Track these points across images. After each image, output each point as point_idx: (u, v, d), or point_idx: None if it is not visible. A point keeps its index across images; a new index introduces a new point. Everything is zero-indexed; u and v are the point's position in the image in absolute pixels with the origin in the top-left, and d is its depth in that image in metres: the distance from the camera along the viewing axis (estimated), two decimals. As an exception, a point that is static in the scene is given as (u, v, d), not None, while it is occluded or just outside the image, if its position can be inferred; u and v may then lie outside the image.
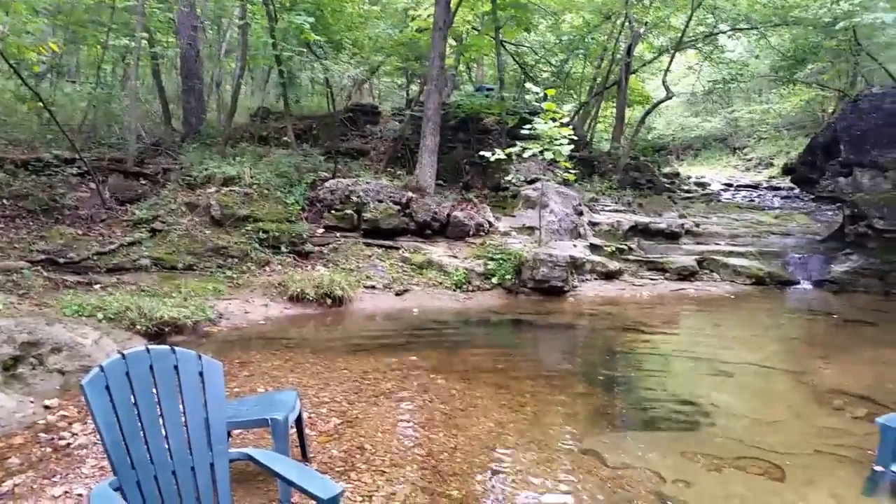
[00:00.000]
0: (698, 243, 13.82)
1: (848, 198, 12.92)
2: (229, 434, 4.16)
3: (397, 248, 11.48)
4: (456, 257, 11.44)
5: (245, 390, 5.81)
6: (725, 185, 23.61)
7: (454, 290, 10.58)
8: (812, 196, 16.17)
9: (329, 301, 9.42)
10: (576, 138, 12.55)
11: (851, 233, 12.50)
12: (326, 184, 12.38)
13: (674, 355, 7.80)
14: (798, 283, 12.16)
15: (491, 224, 12.68)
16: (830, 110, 22.23)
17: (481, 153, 12.24)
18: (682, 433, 5.20)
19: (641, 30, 18.86)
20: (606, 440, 4.98)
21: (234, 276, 9.94)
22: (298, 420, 4.30)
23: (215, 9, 16.91)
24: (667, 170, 22.90)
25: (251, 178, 11.73)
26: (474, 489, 4.08)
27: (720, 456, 4.64)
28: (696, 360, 7.42)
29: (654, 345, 8.22)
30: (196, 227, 10.53)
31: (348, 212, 11.82)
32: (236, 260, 10.26)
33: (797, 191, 18.92)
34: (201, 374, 3.09)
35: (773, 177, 24.52)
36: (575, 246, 12.07)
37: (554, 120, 11.31)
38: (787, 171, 20.42)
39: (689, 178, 23.77)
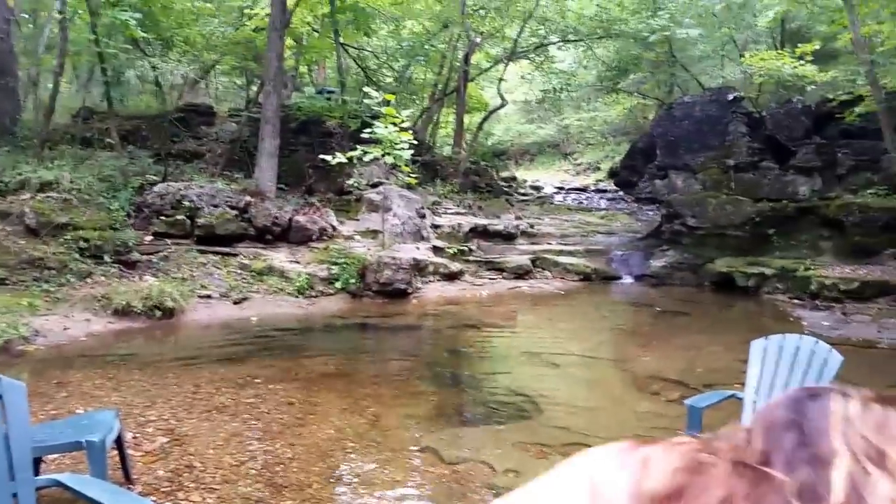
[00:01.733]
0: (533, 243, 14.51)
1: (664, 198, 14.11)
2: (41, 460, 3.83)
3: (235, 255, 11.08)
4: (298, 263, 11.23)
5: (62, 412, 5.37)
6: (558, 188, 24.96)
7: (297, 297, 10.38)
8: (633, 197, 17.51)
9: (159, 313, 8.91)
10: (417, 143, 12.76)
11: (667, 230, 13.65)
12: (155, 188, 11.69)
13: (509, 350, 8.14)
14: (621, 278, 13.10)
15: (334, 228, 12.58)
16: (650, 117, 24.16)
17: (323, 157, 12.10)
18: (514, 425, 5.43)
19: (478, 39, 19.50)
20: (445, 437, 5.10)
21: (52, 289, 9.13)
22: (119, 441, 4.04)
23: (31, 1, 15.50)
24: (505, 174, 23.85)
25: (71, 182, 10.85)
26: (310, 498, 4.03)
27: (548, 444, 4.90)
28: (529, 354, 7.78)
29: (492, 341, 8.54)
30: (8, 238, 9.57)
31: (180, 217, 11.23)
32: (54, 272, 9.43)
33: (621, 193, 20.41)
34: (1, 396, 2.84)
35: (600, 180, 26.23)
36: (418, 248, 12.26)
37: (394, 125, 11.43)
38: (612, 174, 21.98)
39: (525, 181, 24.88)
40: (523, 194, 21.63)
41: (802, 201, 12.51)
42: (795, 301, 10.41)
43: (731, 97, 14.36)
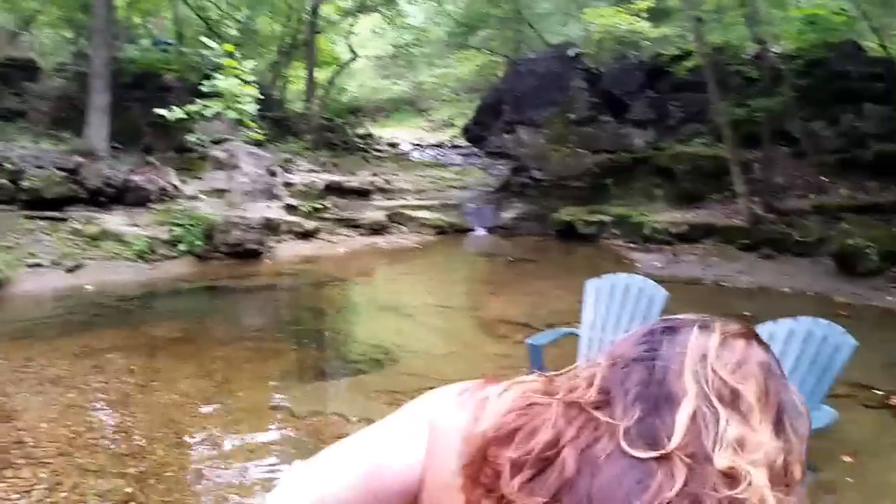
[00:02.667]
0: (389, 199, 14.52)
1: (512, 152, 14.55)
2: None
3: (66, 220, 10.27)
4: (137, 226, 10.57)
5: None
6: (414, 144, 25.04)
7: (137, 262, 9.79)
8: (486, 152, 17.91)
9: (-19, 285, 8.13)
10: (263, 97, 12.28)
11: (515, 183, 14.13)
12: (-31, 150, 10.54)
13: (365, 305, 8.19)
14: (474, 230, 13.46)
15: (176, 188, 11.92)
16: (500, 74, 24.66)
17: (159, 112, 11.38)
18: (369, 376, 5.50)
19: (326, -10, 18.92)
20: (298, 394, 5.08)
21: None
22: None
23: None
24: (361, 131, 23.55)
25: None
26: (153, 463, 3.90)
27: (401, 391, 5.00)
28: (385, 307, 7.88)
29: (349, 297, 8.54)
30: None
31: (2, 181, 10.22)
32: None
33: (475, 149, 20.81)
34: None
35: (455, 136, 26.57)
36: (269, 207, 11.91)
37: (237, 78, 10.92)
38: (465, 130, 22.34)
39: (381, 138, 24.73)
40: (379, 151, 21.51)
41: (637, 152, 13.34)
42: (631, 245, 11.16)
43: (571, 53, 14.94)
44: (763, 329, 4.35)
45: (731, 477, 0.70)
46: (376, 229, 12.56)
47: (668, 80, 13.72)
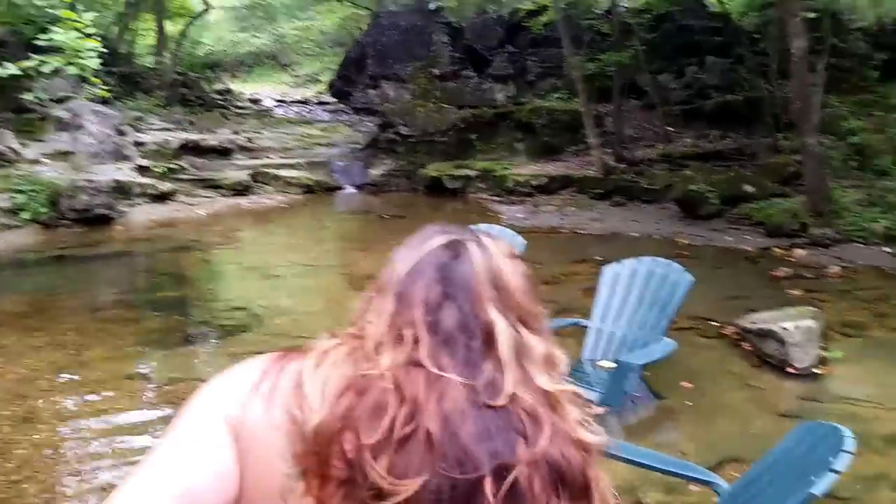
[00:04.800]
0: (252, 158, 14.04)
1: (378, 108, 14.44)
2: None
3: None
4: (-29, 194, 9.66)
5: None
6: (278, 101, 24.21)
7: (-27, 233, 8.98)
8: (352, 108, 17.65)
9: None
10: (108, 51, 11.40)
11: (383, 140, 14.08)
12: None
13: (229, 267, 7.96)
14: (343, 188, 13.33)
15: (15, 152, 10.94)
16: (364, 27, 24.20)
17: (-12, 68, 10.32)
18: (232, 338, 5.39)
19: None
20: (156, 361, 4.92)
21: None
22: None
23: None
24: (219, 86, 22.46)
25: None
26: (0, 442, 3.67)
27: (269, 351, 4.96)
28: (251, 269, 7.70)
29: (211, 260, 8.27)
30: None
31: None
32: None
33: (342, 105, 20.43)
34: None
35: (321, 92, 25.92)
36: (120, 169, 11.20)
37: (77, 31, 10.07)
38: (330, 86, 21.85)
39: (242, 94, 23.71)
40: (240, 108, 20.63)
41: (499, 107, 13.64)
42: (495, 198, 11.49)
43: (432, 6, 14.91)
44: (609, 269, 4.67)
45: (553, 397, 0.77)
46: (239, 190, 12.14)
47: (527, 35, 14.04)
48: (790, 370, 4.50)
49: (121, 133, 12.33)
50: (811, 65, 8.63)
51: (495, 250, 0.85)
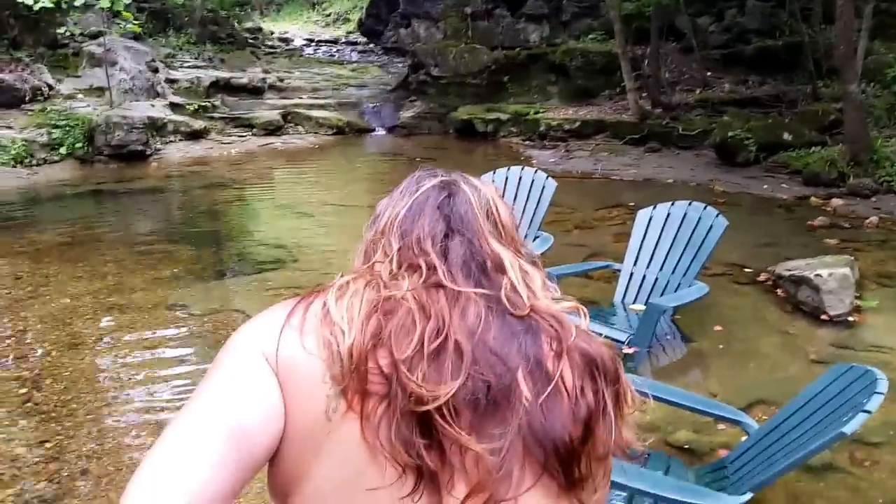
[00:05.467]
0: (283, 98, 14.01)
1: (408, 48, 14.23)
2: None
3: (-75, 122, 9.38)
4: (11, 128, 9.80)
5: None
6: (307, 40, 23.95)
7: (14, 167, 9.15)
8: (382, 48, 17.43)
9: None
10: (139, -14, 11.35)
11: (414, 81, 13.92)
12: None
13: (262, 205, 8.05)
14: (374, 130, 13.28)
15: (51, 87, 11.03)
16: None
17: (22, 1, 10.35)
18: (269, 274, 5.49)
19: None
20: (195, 293, 5.04)
21: None
22: None
23: None
24: (249, 24, 22.25)
25: None
26: (47, 364, 3.83)
27: (300, 286, 5.04)
28: (283, 207, 7.78)
29: (244, 198, 8.36)
30: None
31: None
32: None
33: (372, 46, 20.18)
34: None
35: (351, 32, 25.58)
36: (153, 106, 11.26)
37: (108, -36, 10.02)
38: (360, 24, 21.54)
39: (272, 33, 23.49)
40: (270, 47, 20.47)
41: (533, 48, 13.36)
42: (527, 142, 11.36)
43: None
44: (643, 213, 4.64)
45: (557, 317, 0.82)
46: (271, 129, 12.16)
47: (562, -27, 13.64)
48: (824, 317, 4.47)
49: (153, 70, 12.35)
50: (857, 9, 8.29)
51: (485, 189, 0.91)
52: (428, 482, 0.72)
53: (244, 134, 11.94)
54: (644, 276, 4.50)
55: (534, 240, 5.09)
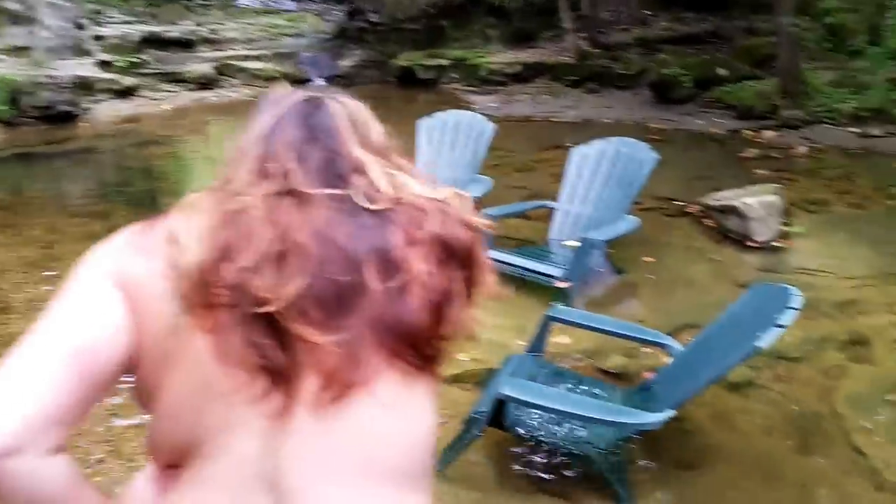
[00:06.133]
0: (216, 50, 13.54)
1: (346, -6, 13.86)
2: None
3: None
4: (-75, 92, 9.32)
5: None
6: (242, -10, 23.13)
7: (-67, 132, 8.74)
8: (319, -4, 16.90)
9: None
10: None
11: (353, 29, 13.62)
12: None
13: (200, 161, 7.86)
14: (311, 80, 12.99)
15: (-33, 48, 10.49)
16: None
17: (-74, -44, 9.73)
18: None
19: None
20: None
21: None
22: None
23: None
24: (178, -24, 21.36)
25: None
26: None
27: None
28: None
29: (179, 155, 8.16)
30: None
31: None
32: None
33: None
34: None
35: (287, -20, 24.78)
36: (81, 64, 10.80)
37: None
38: (296, -27, 20.84)
39: (204, -16, 22.61)
40: (202, -1, 19.73)
41: (473, -9, 13.15)
42: (469, 88, 11.26)
43: None
44: (577, 151, 4.70)
45: (435, 198, 0.84)
46: (204, 83, 11.81)
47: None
48: (750, 244, 4.64)
49: (79, 26, 11.80)
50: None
51: (354, 104, 0.91)
52: (280, 381, 0.74)
53: (176, 89, 11.58)
54: (578, 213, 4.59)
55: (472, 183, 5.13)
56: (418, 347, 0.78)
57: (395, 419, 0.78)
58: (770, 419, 3.13)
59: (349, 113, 0.88)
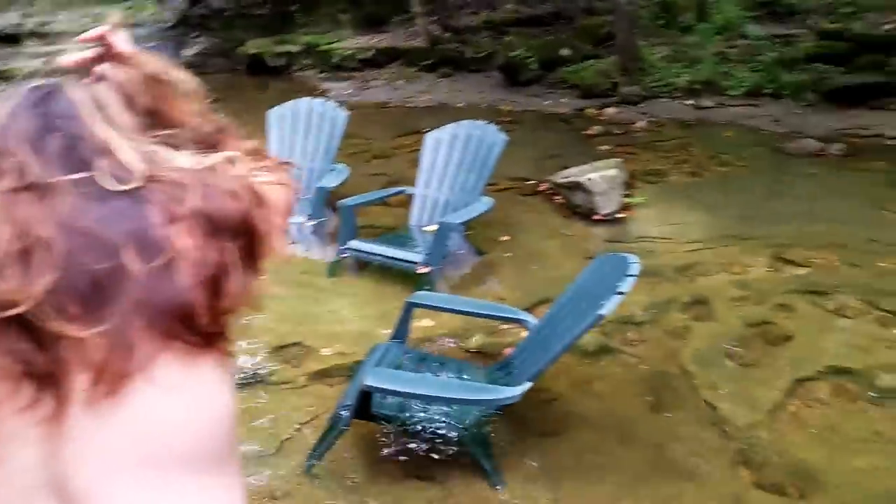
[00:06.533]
0: (46, 45, 12.56)
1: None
2: None
3: None
4: None
5: None
6: (69, -24, 21.45)
7: None
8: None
9: None
10: None
11: (194, 16, 13.02)
12: None
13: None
14: (156, 72, 12.30)
15: None
16: None
17: None
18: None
19: None
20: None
21: None
22: None
23: None
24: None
25: None
26: None
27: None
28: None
29: None
30: None
31: None
32: None
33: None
34: None
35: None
36: None
37: None
38: (129, -43, 19.57)
39: (24, -30, 20.76)
40: (23, -13, 18.12)
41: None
42: (322, 75, 11.09)
43: None
44: (430, 136, 4.78)
45: (202, 168, 0.78)
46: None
47: None
48: (596, 217, 4.92)
49: None
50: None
51: (98, 86, 0.83)
52: (47, 384, 0.71)
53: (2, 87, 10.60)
54: (436, 197, 4.67)
55: (329, 172, 5.09)
56: (195, 325, 0.75)
57: (181, 403, 0.75)
58: (624, 382, 3.35)
59: (92, 96, 0.81)
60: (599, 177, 4.94)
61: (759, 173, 6.12)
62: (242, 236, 0.78)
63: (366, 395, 2.58)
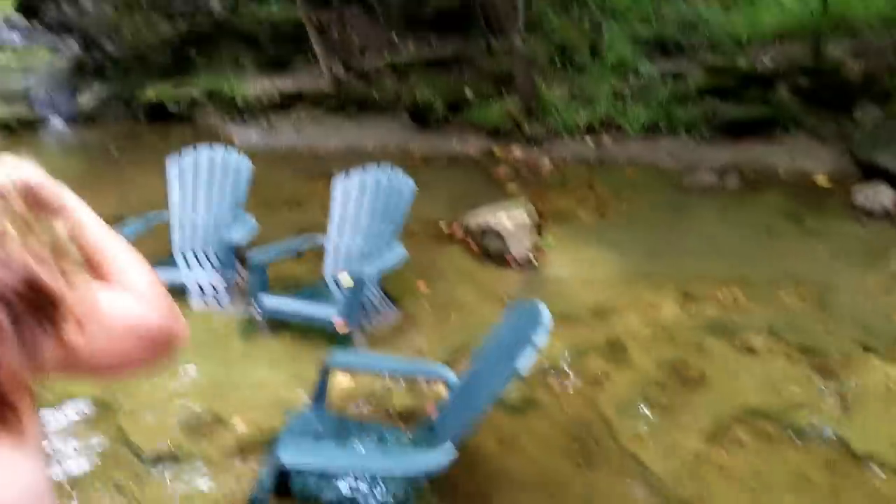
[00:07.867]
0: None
1: (76, 26, 12.72)
2: None
3: None
4: None
5: None
6: (-52, 20, 20.28)
7: None
8: (46, 27, 15.33)
9: None
10: None
11: (90, 62, 12.51)
12: None
13: None
14: (48, 121, 11.73)
15: None
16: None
17: None
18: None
19: None
20: None
21: None
22: None
23: None
24: None
25: None
26: None
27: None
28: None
29: None
30: None
31: None
32: None
33: (35, 25, 17.61)
34: None
35: (11, 13, 22.15)
36: None
37: None
38: (17, 2, 18.73)
39: None
40: None
41: (218, 17, 12.65)
42: (227, 120, 10.84)
43: None
44: (339, 183, 4.71)
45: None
46: None
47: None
48: (509, 257, 4.96)
49: None
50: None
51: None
52: None
53: None
54: (349, 246, 4.59)
55: (235, 224, 4.92)
56: None
57: None
58: (550, 436, 3.33)
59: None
60: (510, 222, 5.00)
61: (661, 209, 6.34)
62: (20, 303, 0.71)
63: (284, 473, 2.46)
